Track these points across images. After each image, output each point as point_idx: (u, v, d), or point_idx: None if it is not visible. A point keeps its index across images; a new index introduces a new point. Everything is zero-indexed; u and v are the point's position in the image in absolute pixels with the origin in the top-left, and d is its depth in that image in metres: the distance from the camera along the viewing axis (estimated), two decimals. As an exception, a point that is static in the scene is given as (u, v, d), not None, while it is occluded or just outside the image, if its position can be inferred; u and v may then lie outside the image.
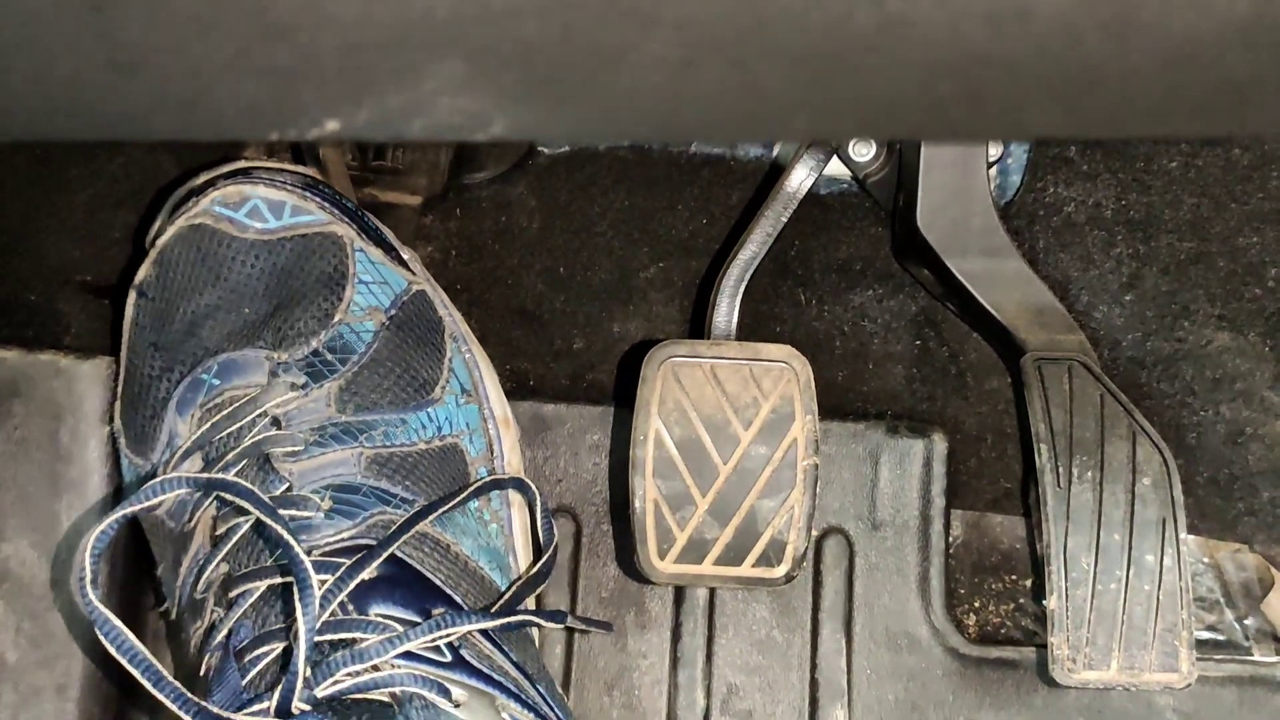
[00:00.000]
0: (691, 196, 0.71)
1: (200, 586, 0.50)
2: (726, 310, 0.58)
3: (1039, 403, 0.59)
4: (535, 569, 0.54)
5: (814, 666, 0.65)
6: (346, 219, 0.56)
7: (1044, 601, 0.59)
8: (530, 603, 0.55)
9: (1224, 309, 0.66)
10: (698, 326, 0.70)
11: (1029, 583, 0.68)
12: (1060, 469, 0.57)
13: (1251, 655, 0.64)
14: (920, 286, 0.69)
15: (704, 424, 0.55)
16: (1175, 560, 0.56)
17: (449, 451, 0.55)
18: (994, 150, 0.66)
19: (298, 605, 0.44)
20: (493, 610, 0.50)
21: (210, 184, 0.55)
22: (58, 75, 0.23)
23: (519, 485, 0.56)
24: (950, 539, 0.67)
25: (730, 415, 0.54)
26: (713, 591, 0.65)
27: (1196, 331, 0.66)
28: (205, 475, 0.48)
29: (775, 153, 0.70)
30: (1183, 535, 0.56)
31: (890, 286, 0.69)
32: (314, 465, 0.50)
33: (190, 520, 0.51)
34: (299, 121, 0.25)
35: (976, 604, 0.68)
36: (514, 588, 0.53)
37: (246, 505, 0.46)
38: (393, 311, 0.55)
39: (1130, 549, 0.56)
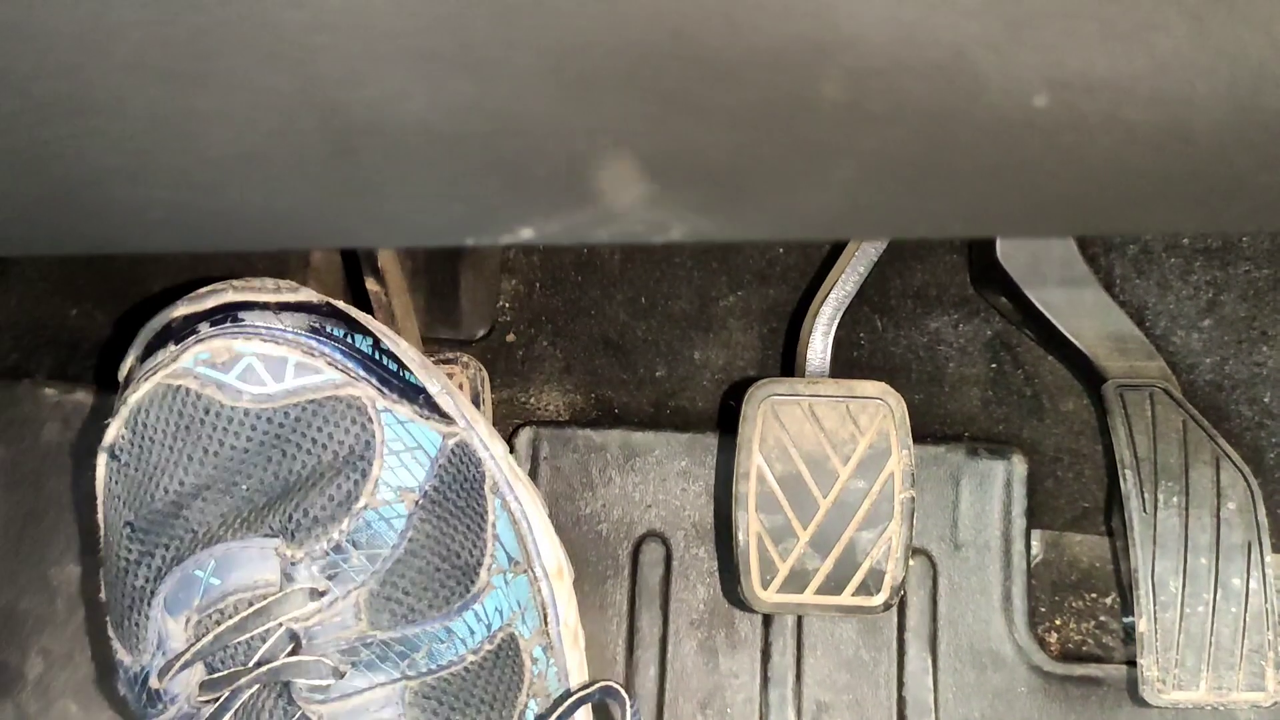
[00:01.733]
0: (769, 226, 0.72)
1: None
2: (821, 348, 0.60)
3: (1123, 429, 0.60)
4: None
5: (900, 685, 0.66)
6: (364, 373, 0.46)
7: (1129, 620, 0.60)
8: None
9: (1302, 333, 0.67)
10: (784, 357, 0.72)
11: (1109, 600, 0.69)
12: (1146, 495, 0.59)
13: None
14: (995, 311, 0.70)
15: (804, 459, 0.57)
16: (1261, 583, 0.57)
17: (503, 650, 0.47)
18: (1070, 180, 0.67)
19: None
20: None
21: (191, 328, 0.46)
22: (288, 195, 0.26)
23: (609, 693, 0.48)
24: (1030, 558, 0.69)
25: (829, 451, 0.56)
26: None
27: (1275, 355, 0.68)
28: None
29: (853, 184, 0.72)
30: (1268, 558, 0.58)
31: (965, 311, 0.71)
32: (348, 709, 0.42)
33: None
34: (497, 231, 0.27)
35: (1058, 622, 0.70)
36: None
37: None
38: (428, 485, 0.46)
39: (1217, 572, 0.58)
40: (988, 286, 0.68)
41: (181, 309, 0.48)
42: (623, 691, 0.48)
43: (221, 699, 0.43)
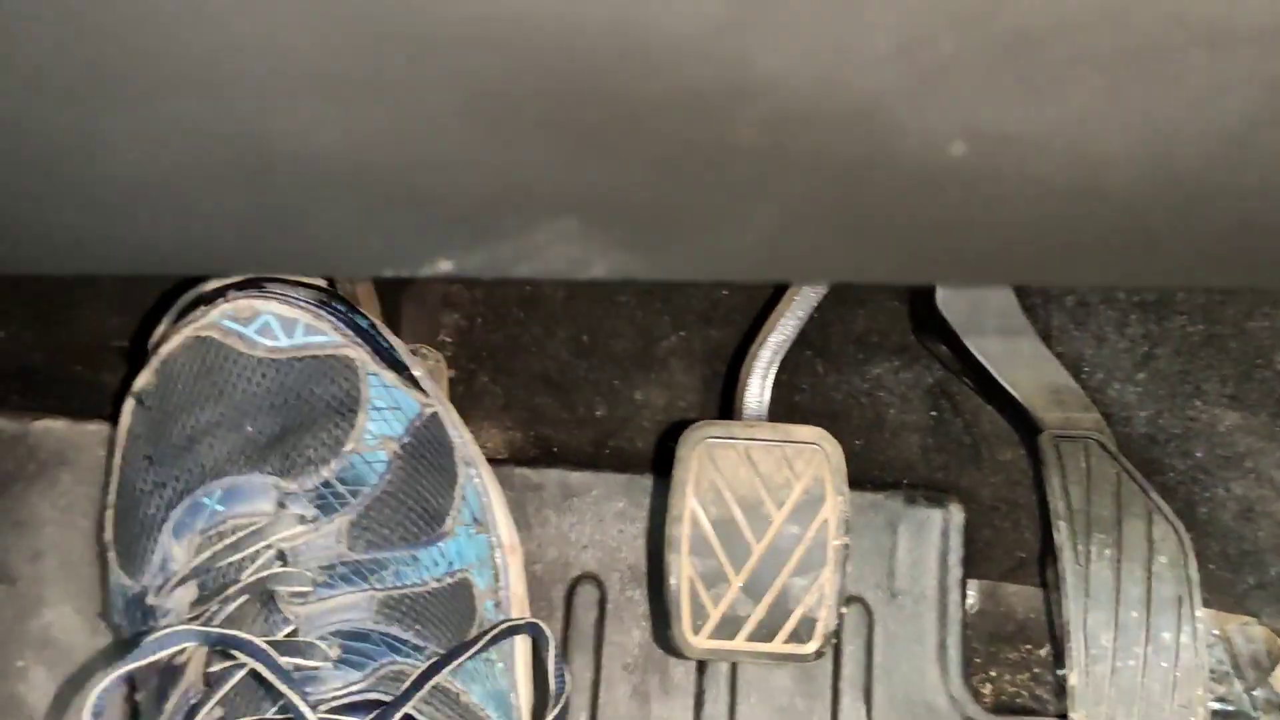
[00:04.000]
0: (714, 269, 0.73)
1: None
2: (758, 391, 0.60)
3: (1057, 480, 0.61)
4: (552, 716, 0.53)
5: (834, 734, 0.66)
6: (360, 340, 0.54)
7: (1061, 672, 0.60)
8: None
9: (1235, 389, 0.68)
10: (724, 399, 0.72)
11: (1044, 652, 0.69)
12: (1079, 546, 0.59)
13: (1261, 726, 0.65)
14: (936, 359, 0.71)
15: (738, 503, 0.56)
16: (1192, 638, 0.57)
17: (459, 589, 0.53)
18: (1010, 232, 0.68)
19: None
20: None
21: (220, 294, 0.53)
22: (203, 221, 0.25)
23: (534, 630, 0.55)
24: (966, 608, 0.69)
25: (764, 495, 0.56)
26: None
27: (1208, 411, 0.69)
28: (217, 630, 0.46)
29: (797, 230, 0.72)
30: (1198, 613, 0.58)
31: (906, 358, 0.71)
32: (322, 609, 0.48)
33: (182, 654, 0.48)
34: (415, 262, 0.27)
35: (993, 673, 0.70)
36: None
37: (258, 667, 0.44)
38: (406, 439, 0.53)
39: (1149, 626, 0.58)
40: (928, 334, 0.69)
41: (214, 282, 0.54)
42: (547, 631, 0.54)
43: (210, 609, 0.48)
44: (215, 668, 0.47)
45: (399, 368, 0.55)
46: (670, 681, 0.67)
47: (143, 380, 0.54)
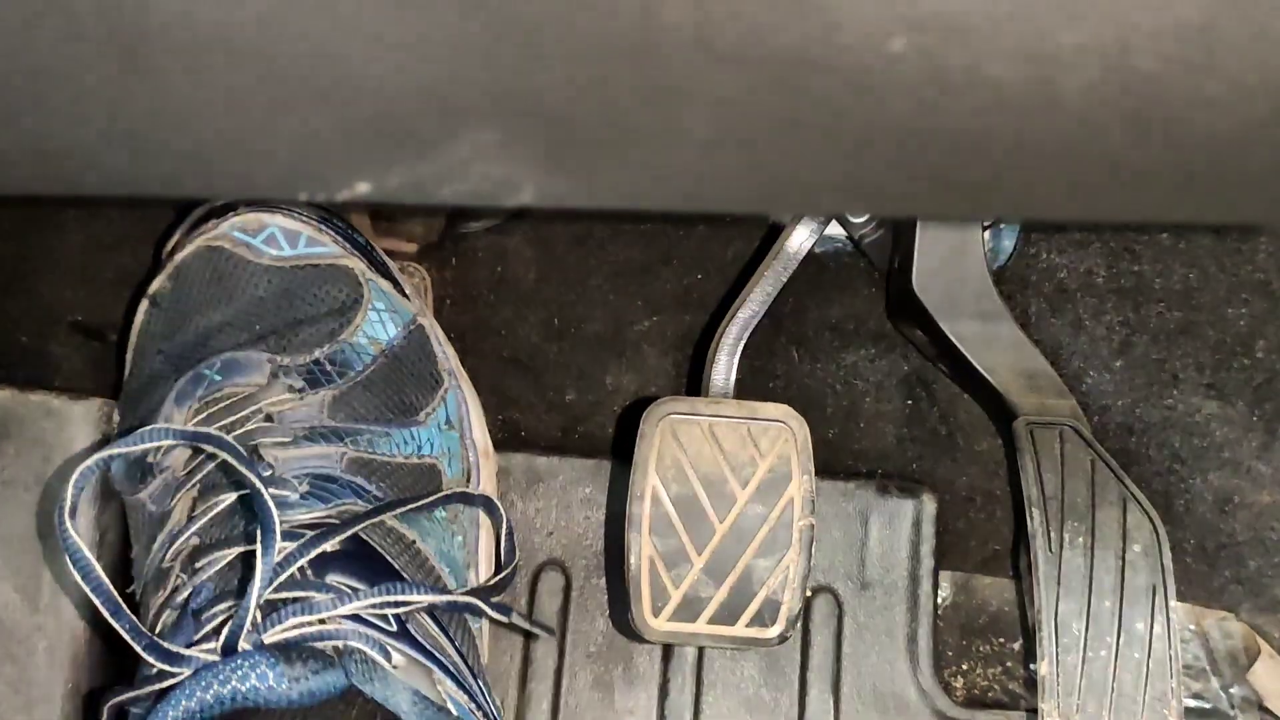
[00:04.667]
0: (687, 251, 0.71)
1: (169, 556, 0.51)
2: (725, 368, 0.59)
3: (1031, 467, 0.59)
4: (493, 580, 0.55)
5: (801, 727, 0.64)
6: (357, 253, 0.58)
7: (1033, 666, 0.59)
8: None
9: (1212, 378, 0.67)
10: (694, 382, 0.70)
11: (1017, 646, 0.68)
12: (1052, 534, 0.58)
13: (1237, 724, 0.64)
14: (912, 347, 0.69)
15: (701, 482, 0.55)
16: (1165, 628, 0.56)
17: (427, 470, 0.56)
18: (988, 216, 0.67)
19: (258, 553, 0.45)
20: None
21: (230, 207, 0.57)
22: (88, 131, 0.23)
23: (488, 505, 0.58)
24: (939, 600, 0.67)
25: (728, 473, 0.55)
26: (701, 649, 0.65)
27: (1185, 400, 0.67)
28: (192, 429, 0.50)
29: (772, 212, 0.71)
30: (1172, 603, 0.56)
31: (883, 346, 0.70)
32: (297, 455, 0.52)
33: (171, 502, 0.52)
34: (330, 183, 0.25)
35: (964, 666, 0.68)
36: (468, 590, 0.54)
37: (225, 456, 0.47)
38: (396, 342, 0.57)
39: (1121, 616, 0.56)
40: (904, 319, 0.67)
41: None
42: (501, 509, 0.57)
43: (201, 460, 0.52)
44: (198, 509, 0.51)
45: (393, 281, 0.59)
46: (635, 671, 0.65)
47: (157, 284, 0.57)
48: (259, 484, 0.46)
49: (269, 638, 0.45)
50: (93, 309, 0.68)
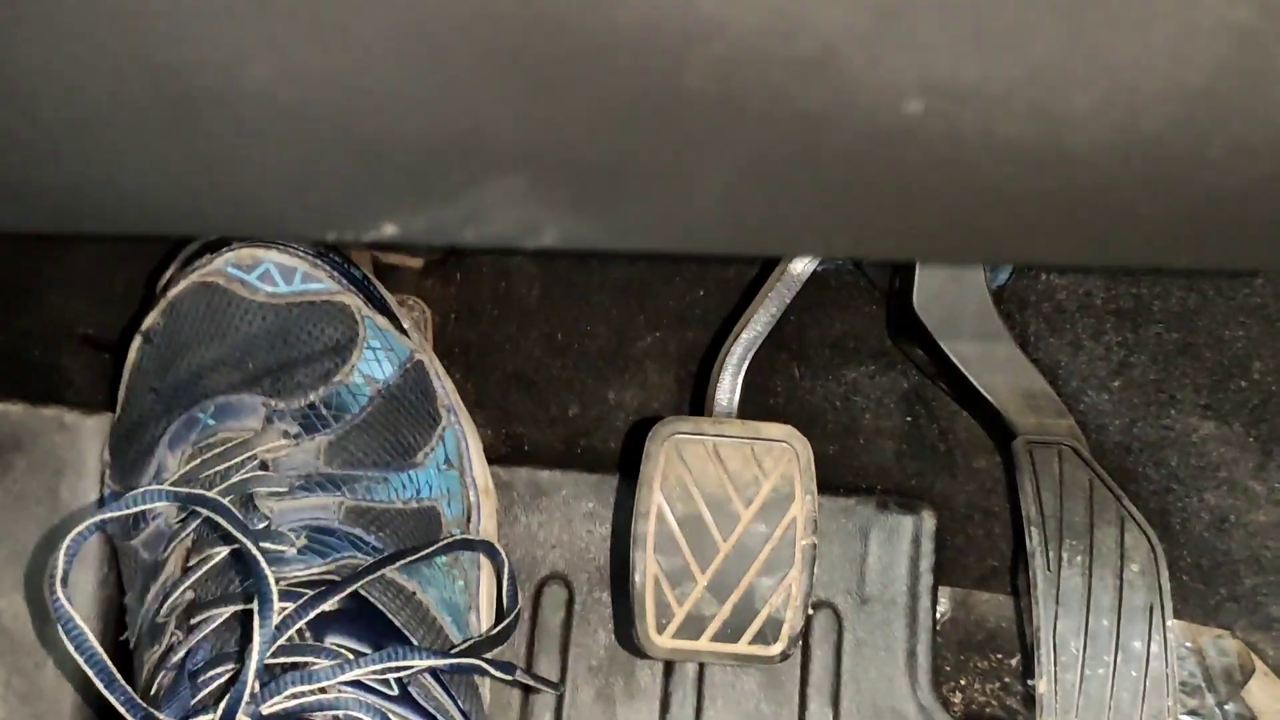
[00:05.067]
0: (689, 268, 0.72)
1: (164, 611, 0.50)
2: (729, 388, 0.59)
3: (1030, 486, 0.60)
4: (496, 630, 0.55)
5: (801, 741, 0.65)
6: (354, 289, 0.57)
7: (1031, 682, 0.59)
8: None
9: (1209, 399, 0.68)
10: (696, 399, 0.71)
11: (1014, 661, 0.68)
12: (1050, 552, 0.58)
13: (1232, 740, 0.65)
14: (912, 364, 0.70)
15: (705, 501, 0.55)
16: (1162, 647, 0.57)
17: (426, 513, 0.56)
18: (988, 236, 0.68)
19: (256, 619, 0.44)
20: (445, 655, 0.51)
21: (225, 243, 0.56)
22: (133, 174, 0.24)
23: (489, 550, 0.57)
24: (937, 616, 0.68)
25: (731, 493, 0.55)
26: (702, 664, 0.65)
27: (1182, 420, 0.68)
28: (185, 490, 0.49)
29: (774, 230, 0.72)
30: (1169, 622, 0.57)
31: (883, 364, 0.70)
32: (294, 506, 0.52)
33: (165, 551, 0.52)
34: (358, 225, 0.26)
35: (962, 681, 0.69)
36: (471, 642, 0.54)
37: (220, 520, 0.47)
38: (392, 381, 0.56)
39: (1119, 634, 0.57)
40: (904, 338, 0.68)
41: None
42: (502, 553, 0.57)
43: (194, 510, 0.50)
44: (193, 561, 0.51)
45: (390, 316, 0.59)
46: (636, 685, 0.66)
47: (150, 320, 0.57)
48: (255, 550, 0.46)
49: (267, 709, 0.44)
50: (103, 322, 0.69)
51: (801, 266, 0.63)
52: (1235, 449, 0.67)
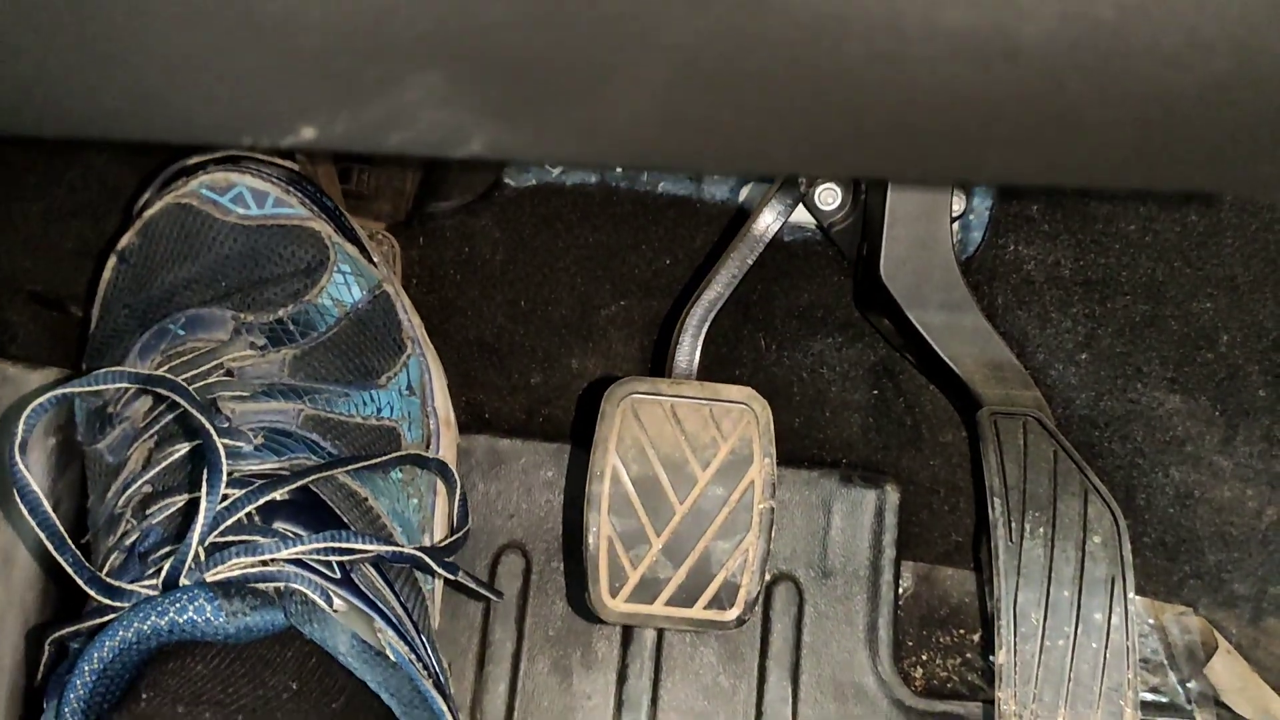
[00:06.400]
0: (656, 236, 0.71)
1: (121, 503, 0.51)
2: (689, 349, 0.58)
3: (994, 457, 0.59)
4: (445, 542, 0.56)
5: (759, 714, 0.64)
6: (325, 216, 0.58)
7: (992, 658, 0.59)
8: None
9: (1176, 372, 0.67)
10: (659, 365, 0.70)
11: (976, 637, 0.68)
12: (1013, 524, 0.58)
13: (1193, 719, 0.64)
14: (879, 337, 0.69)
15: (662, 462, 0.54)
16: (1123, 619, 0.56)
17: (386, 433, 0.57)
18: (957, 205, 0.67)
19: (203, 494, 0.45)
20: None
21: (201, 167, 0.57)
22: (28, 68, 0.23)
23: (442, 470, 0.58)
24: (900, 590, 0.67)
25: (689, 455, 0.54)
26: (660, 634, 0.64)
27: (1148, 393, 0.67)
28: (147, 372, 0.50)
29: (741, 197, 0.71)
30: (1131, 595, 0.56)
31: (850, 335, 0.69)
32: (255, 409, 0.53)
33: (128, 452, 0.53)
34: (275, 128, 0.24)
35: (924, 656, 0.68)
36: (417, 547, 0.54)
37: (179, 400, 0.48)
38: (361, 305, 0.57)
39: (1079, 606, 0.56)
40: (871, 307, 0.67)
41: (197, 156, 0.58)
42: (455, 475, 0.58)
43: (160, 411, 0.52)
44: (154, 459, 0.51)
45: (359, 245, 0.59)
46: (593, 655, 0.65)
47: (126, 240, 0.57)
48: (208, 424, 0.46)
49: (210, 576, 0.45)
50: (52, 279, 0.67)
51: (764, 227, 0.62)
52: (1201, 423, 0.66)
